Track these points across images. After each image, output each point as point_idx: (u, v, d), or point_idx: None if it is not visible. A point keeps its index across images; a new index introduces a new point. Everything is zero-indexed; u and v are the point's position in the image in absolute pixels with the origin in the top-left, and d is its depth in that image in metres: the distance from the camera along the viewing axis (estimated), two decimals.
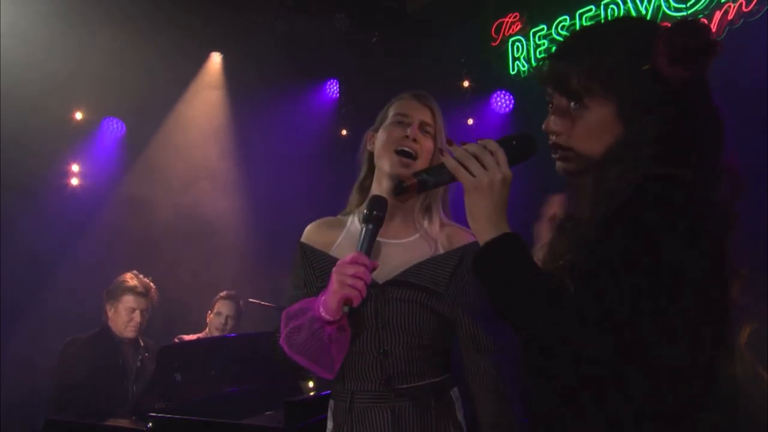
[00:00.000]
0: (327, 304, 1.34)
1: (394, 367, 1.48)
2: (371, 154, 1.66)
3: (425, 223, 1.60)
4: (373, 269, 1.35)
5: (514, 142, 1.12)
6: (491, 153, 1.07)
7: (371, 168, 1.67)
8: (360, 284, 1.31)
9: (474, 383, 1.53)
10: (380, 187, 1.59)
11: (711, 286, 0.95)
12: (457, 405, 1.55)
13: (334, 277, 1.32)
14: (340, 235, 1.60)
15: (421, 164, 1.54)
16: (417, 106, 1.62)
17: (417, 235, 1.58)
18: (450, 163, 1.08)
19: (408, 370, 1.48)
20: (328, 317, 1.34)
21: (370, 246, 1.36)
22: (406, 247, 1.54)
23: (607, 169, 1.05)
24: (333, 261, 1.50)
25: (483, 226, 1.04)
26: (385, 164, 1.56)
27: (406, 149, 1.54)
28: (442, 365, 1.54)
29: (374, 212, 1.37)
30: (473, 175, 1.05)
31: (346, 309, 1.33)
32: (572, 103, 1.09)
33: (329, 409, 1.56)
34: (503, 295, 1.02)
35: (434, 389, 1.51)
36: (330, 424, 1.54)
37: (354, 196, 1.68)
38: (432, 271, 1.52)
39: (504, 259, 1.02)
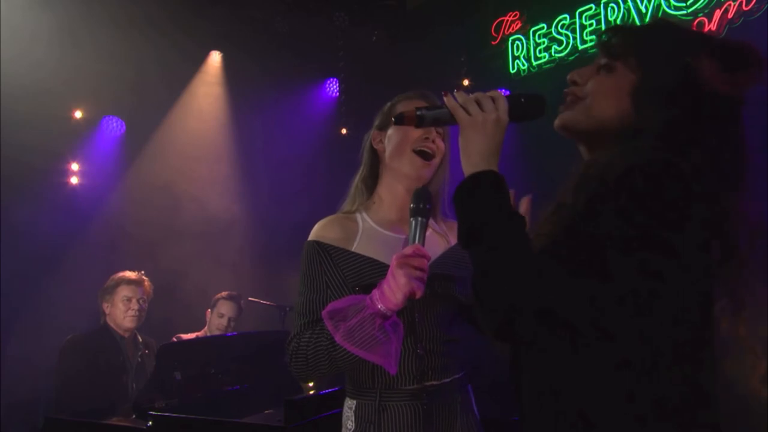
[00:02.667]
0: (389, 298, 1.32)
1: (429, 362, 1.49)
2: (376, 153, 1.65)
3: (431, 221, 1.61)
4: (429, 260, 1.36)
5: (523, 99, 1.16)
6: (493, 99, 1.11)
7: (374, 166, 1.66)
8: (425, 276, 1.32)
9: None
10: (394, 185, 1.60)
11: (662, 281, 0.95)
12: (473, 400, 1.58)
13: (400, 271, 1.31)
14: (358, 233, 1.58)
15: (437, 163, 1.59)
16: None
17: (429, 230, 1.59)
18: (450, 102, 1.12)
19: (439, 365, 1.50)
20: (388, 312, 1.34)
21: (423, 237, 1.37)
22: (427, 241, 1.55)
23: (601, 150, 1.06)
24: (362, 259, 1.51)
25: (473, 161, 1.07)
26: (404, 165, 1.56)
27: (426, 150, 1.56)
28: (463, 360, 1.56)
29: (424, 205, 1.38)
30: (469, 115, 1.09)
31: (409, 302, 1.34)
32: (605, 64, 1.13)
33: (348, 408, 1.54)
34: (469, 222, 1.03)
35: (459, 385, 1.53)
36: (351, 425, 1.51)
37: (358, 194, 1.67)
38: (454, 261, 1.57)
39: (480, 190, 1.04)
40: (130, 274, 3.32)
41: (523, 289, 0.95)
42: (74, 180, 4.58)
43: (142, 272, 3.42)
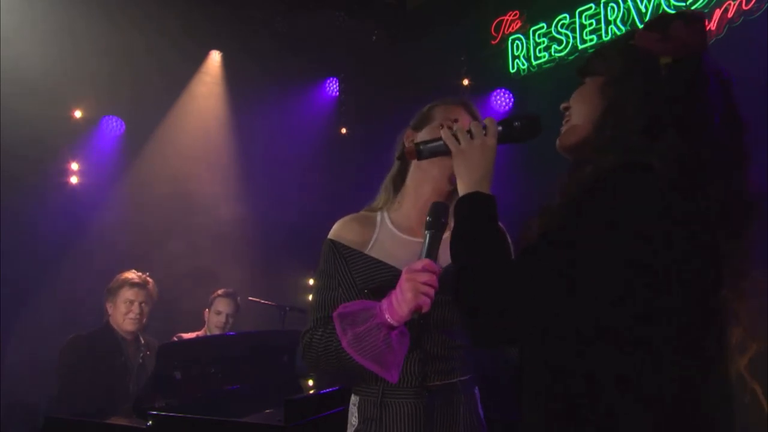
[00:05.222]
0: (396, 311, 1.33)
1: (432, 366, 1.50)
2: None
3: (452, 223, 1.61)
4: (439, 274, 1.35)
5: (516, 123, 1.28)
6: (484, 127, 1.24)
7: (404, 165, 1.67)
8: (432, 292, 1.32)
9: None
10: (420, 186, 1.60)
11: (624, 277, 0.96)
12: (478, 402, 1.59)
13: (407, 285, 1.31)
14: (374, 234, 1.60)
15: None
16: (466, 115, 1.64)
17: (448, 233, 1.59)
18: (445, 133, 1.26)
19: (443, 369, 1.51)
20: (395, 323, 1.34)
21: (436, 252, 1.36)
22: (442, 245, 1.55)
23: (585, 156, 1.10)
24: (373, 262, 1.53)
25: (464, 185, 1.19)
26: (433, 165, 1.56)
27: None
28: (469, 364, 1.58)
29: (440, 219, 1.37)
30: (459, 143, 1.23)
31: (415, 315, 1.34)
32: (581, 82, 1.22)
33: (353, 404, 1.56)
34: (457, 237, 1.14)
35: (463, 386, 1.54)
36: (354, 420, 1.54)
37: (384, 193, 1.68)
38: None
39: (468, 210, 1.15)
40: (133, 277, 3.29)
41: (513, 292, 0.98)
42: (74, 180, 4.58)
43: (147, 274, 3.40)
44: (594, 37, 4.28)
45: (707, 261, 1.01)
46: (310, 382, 3.37)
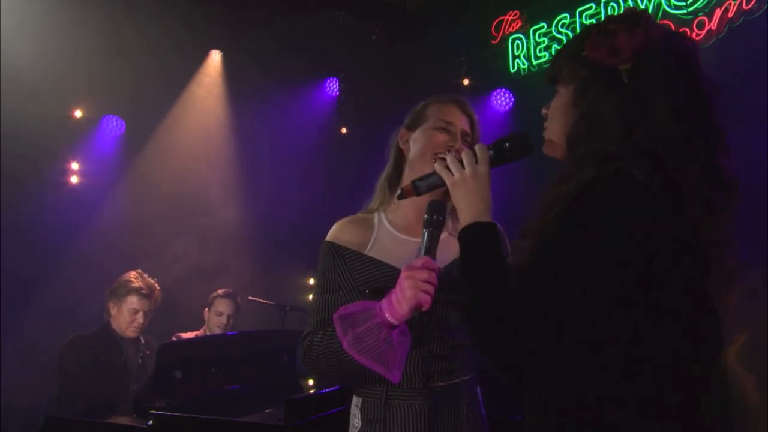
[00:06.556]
0: (396, 309, 1.33)
1: (435, 366, 1.50)
2: (402, 152, 1.66)
3: (449, 224, 1.60)
4: (438, 272, 1.35)
5: (507, 144, 1.27)
6: (475, 154, 1.23)
7: (399, 165, 1.66)
8: (432, 289, 1.32)
9: None
10: None
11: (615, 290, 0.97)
12: (480, 402, 1.59)
13: (407, 283, 1.31)
14: (373, 235, 1.60)
15: None
16: (459, 115, 1.63)
17: (446, 233, 1.58)
18: (438, 167, 1.27)
19: (446, 368, 1.51)
20: (396, 322, 1.34)
21: (435, 250, 1.37)
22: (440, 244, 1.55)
23: (568, 172, 1.10)
24: (373, 262, 1.53)
25: (464, 215, 1.19)
26: (425, 168, 1.53)
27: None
28: (471, 364, 1.58)
29: (437, 217, 1.37)
30: (452, 175, 1.23)
31: (416, 314, 1.34)
32: (555, 90, 1.21)
33: (355, 406, 1.56)
34: (463, 269, 1.15)
35: (466, 386, 1.54)
36: (357, 422, 1.53)
37: (380, 193, 1.67)
38: None
39: (467, 242, 1.16)
40: (142, 286, 3.27)
41: (513, 306, 0.99)
42: (74, 180, 4.58)
43: (156, 280, 3.39)
44: None
45: (700, 258, 1.01)
46: (310, 382, 3.37)
